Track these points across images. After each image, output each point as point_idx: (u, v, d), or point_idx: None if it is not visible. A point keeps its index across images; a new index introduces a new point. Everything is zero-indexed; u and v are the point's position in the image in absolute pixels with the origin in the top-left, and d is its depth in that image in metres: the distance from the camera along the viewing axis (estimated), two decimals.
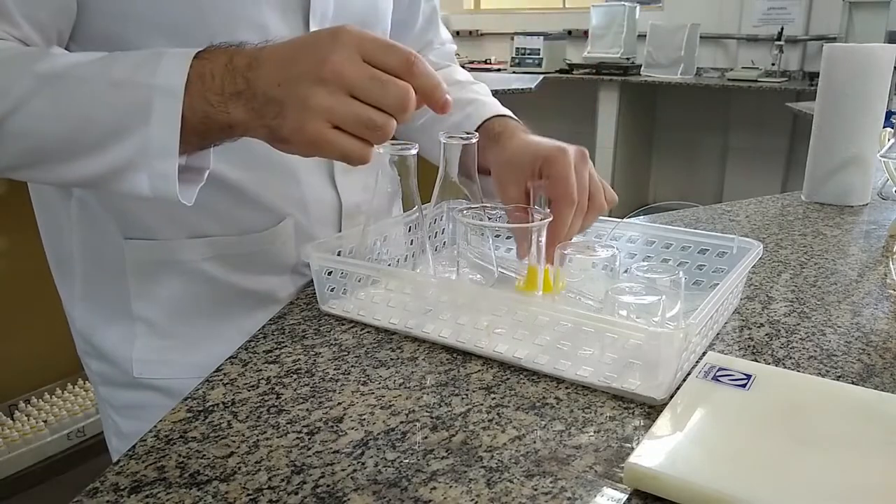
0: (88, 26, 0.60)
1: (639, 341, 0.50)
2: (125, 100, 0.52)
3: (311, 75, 0.48)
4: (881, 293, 0.74)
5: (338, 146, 0.50)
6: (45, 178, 0.57)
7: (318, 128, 0.49)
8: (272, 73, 0.50)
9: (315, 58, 0.49)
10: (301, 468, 0.43)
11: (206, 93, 0.50)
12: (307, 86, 0.48)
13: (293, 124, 0.49)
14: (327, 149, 0.50)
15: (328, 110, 0.48)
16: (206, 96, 0.50)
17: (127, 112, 0.52)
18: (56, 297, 0.76)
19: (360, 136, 0.50)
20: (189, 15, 0.60)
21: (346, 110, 0.48)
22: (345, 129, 0.49)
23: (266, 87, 0.49)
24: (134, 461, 0.44)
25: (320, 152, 0.50)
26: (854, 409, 0.48)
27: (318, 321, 0.64)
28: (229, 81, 0.50)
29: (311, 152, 0.51)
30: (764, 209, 1.09)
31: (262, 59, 0.50)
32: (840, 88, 1.06)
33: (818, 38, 3.98)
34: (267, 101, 0.50)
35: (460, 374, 0.54)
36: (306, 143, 0.50)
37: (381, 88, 0.49)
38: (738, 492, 0.39)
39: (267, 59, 0.50)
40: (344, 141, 0.49)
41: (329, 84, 0.48)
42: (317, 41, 0.50)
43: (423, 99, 0.51)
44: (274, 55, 0.50)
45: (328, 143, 0.49)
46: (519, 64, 4.52)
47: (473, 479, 0.42)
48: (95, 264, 0.71)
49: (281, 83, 0.49)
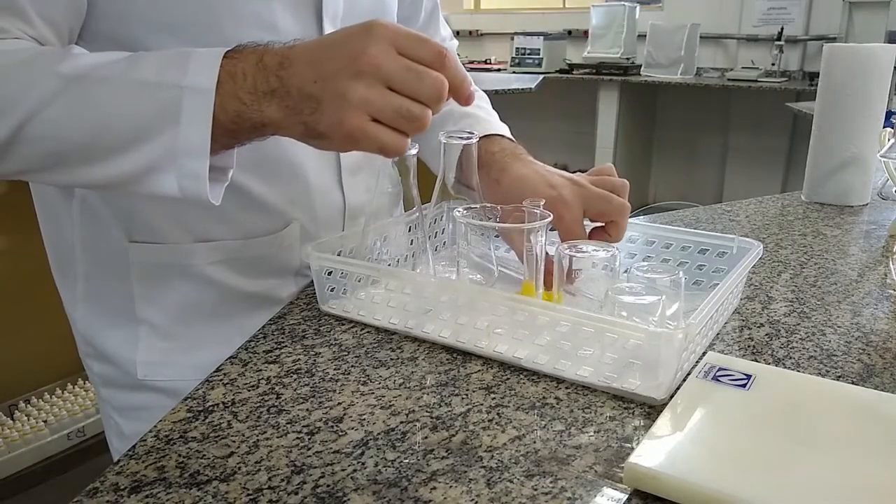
0: (97, 25, 0.59)
1: (639, 341, 0.50)
2: (153, 100, 0.51)
3: (348, 69, 0.49)
4: (881, 293, 0.74)
5: (376, 138, 0.50)
6: (65, 180, 0.56)
7: (358, 121, 0.49)
8: (306, 71, 0.50)
9: (351, 52, 0.49)
10: (301, 468, 0.43)
11: (239, 91, 0.51)
12: (345, 80, 0.49)
13: (331, 119, 0.49)
14: (365, 142, 0.50)
15: (367, 102, 0.49)
16: (238, 95, 0.51)
17: (155, 113, 0.51)
18: (56, 297, 0.76)
19: (398, 128, 0.50)
20: (199, 14, 0.60)
21: (384, 102, 0.49)
22: (383, 121, 0.50)
23: (301, 84, 0.50)
24: (134, 461, 0.44)
25: (358, 145, 0.51)
26: (854, 409, 0.48)
27: (318, 321, 0.64)
28: (262, 80, 0.50)
29: (349, 146, 0.51)
30: (764, 209, 1.09)
31: (294, 57, 0.51)
32: (840, 88, 1.06)
33: (818, 38, 3.98)
34: (303, 97, 0.50)
35: (460, 374, 0.54)
36: (344, 137, 0.50)
37: (417, 79, 0.49)
38: (738, 492, 0.39)
39: (299, 57, 0.51)
40: (382, 133, 0.50)
41: (367, 77, 0.49)
42: (350, 36, 0.50)
43: (451, 91, 0.52)
44: (306, 53, 0.51)
45: (367, 135, 0.50)
46: (519, 64, 4.52)
47: (473, 479, 0.42)
48: (98, 265, 0.71)
49: (317, 79, 0.49)
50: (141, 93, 0.52)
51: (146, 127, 0.52)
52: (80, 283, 0.72)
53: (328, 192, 0.74)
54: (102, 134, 0.52)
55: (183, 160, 0.52)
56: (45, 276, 0.77)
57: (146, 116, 0.52)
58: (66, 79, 0.51)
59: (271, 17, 0.63)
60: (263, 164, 0.67)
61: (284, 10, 0.64)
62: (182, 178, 0.52)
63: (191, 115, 0.51)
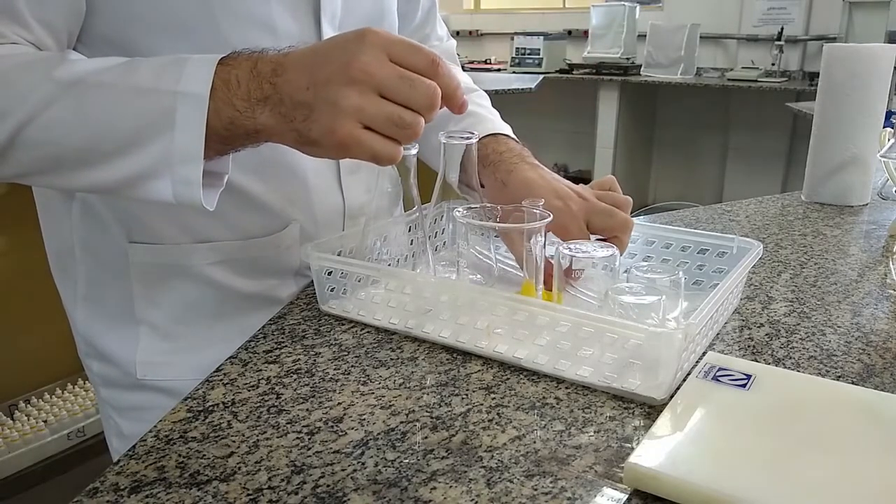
0: (95, 27, 0.59)
1: (639, 341, 0.50)
2: (148, 106, 0.52)
3: (340, 77, 0.48)
4: (881, 293, 0.74)
5: (369, 146, 0.50)
6: (62, 184, 0.56)
7: (350, 128, 0.49)
8: (299, 78, 0.50)
9: (343, 59, 0.49)
10: (301, 468, 0.43)
11: (232, 98, 0.51)
12: (337, 87, 0.48)
13: (324, 126, 0.49)
14: (358, 149, 0.50)
15: (359, 110, 0.49)
16: (232, 102, 0.51)
17: (150, 119, 0.52)
18: (56, 297, 0.76)
19: (391, 136, 0.50)
20: (198, 15, 0.60)
21: (377, 110, 0.49)
22: (376, 128, 0.50)
23: (294, 91, 0.50)
24: (134, 461, 0.44)
25: (350, 153, 0.51)
26: (854, 409, 0.48)
27: (318, 321, 0.64)
28: (255, 87, 0.50)
29: (341, 154, 0.51)
30: (764, 209, 1.09)
31: (288, 64, 0.50)
32: (840, 88, 1.06)
33: (818, 38, 3.98)
34: (295, 104, 0.50)
35: (460, 374, 0.54)
36: (337, 145, 0.50)
37: (410, 87, 0.49)
38: (738, 492, 0.39)
39: (292, 64, 0.50)
40: (375, 141, 0.50)
41: (359, 84, 0.48)
42: (343, 44, 0.50)
43: (444, 100, 0.51)
44: (299, 60, 0.51)
45: (359, 143, 0.49)
46: (519, 64, 4.52)
47: (473, 480, 0.42)
48: (97, 266, 0.71)
49: (310, 86, 0.49)
50: (136, 98, 0.52)
51: (141, 132, 0.52)
52: (80, 283, 0.72)
53: (328, 192, 0.74)
54: (98, 139, 0.52)
55: (177, 166, 0.52)
56: (44, 276, 0.77)
57: (141, 122, 0.52)
58: (62, 84, 0.52)
59: (270, 18, 0.63)
60: (263, 164, 0.67)
61: (283, 11, 0.64)
62: (176, 184, 0.52)
63: (185, 122, 0.51)
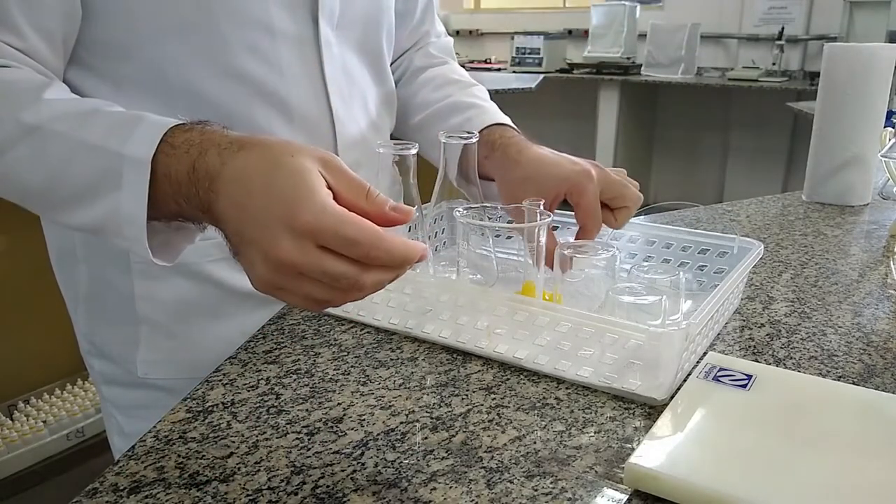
0: (93, 31, 0.59)
1: (639, 342, 0.50)
2: (98, 163, 0.51)
3: (259, 249, 0.44)
4: (882, 293, 0.74)
5: (286, 300, 0.46)
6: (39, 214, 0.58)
7: (263, 288, 0.45)
8: (229, 211, 0.45)
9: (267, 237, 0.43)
10: (301, 469, 0.43)
11: (175, 196, 0.48)
12: (256, 255, 0.44)
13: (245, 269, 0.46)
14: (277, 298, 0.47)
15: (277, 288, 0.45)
16: (175, 199, 0.49)
17: (99, 175, 0.51)
18: (56, 296, 0.76)
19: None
20: (195, 15, 0.60)
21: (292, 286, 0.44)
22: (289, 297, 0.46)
23: (222, 225, 0.46)
24: (133, 461, 0.44)
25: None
26: (854, 409, 0.48)
27: (317, 321, 0.64)
28: (193, 194, 0.47)
29: None
30: (764, 209, 1.09)
31: (222, 184, 0.45)
32: (841, 88, 1.06)
33: (819, 38, 3.98)
34: (225, 235, 0.47)
35: (460, 374, 0.54)
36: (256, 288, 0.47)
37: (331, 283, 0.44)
38: (738, 492, 0.39)
39: (226, 190, 0.45)
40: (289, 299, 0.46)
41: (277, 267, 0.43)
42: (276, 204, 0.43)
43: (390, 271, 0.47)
44: (233, 189, 0.45)
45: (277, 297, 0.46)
46: (519, 63, 4.52)
47: (473, 480, 0.42)
48: (98, 265, 0.71)
49: (235, 234, 0.45)
50: (88, 154, 0.52)
51: (92, 187, 0.52)
52: (82, 282, 0.72)
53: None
54: (55, 186, 0.53)
55: (125, 226, 0.51)
56: (45, 275, 0.77)
57: (90, 178, 0.52)
58: (24, 128, 0.52)
59: (267, 18, 0.63)
60: None
61: (280, 10, 0.64)
62: (127, 241, 0.52)
63: (130, 184, 0.50)
